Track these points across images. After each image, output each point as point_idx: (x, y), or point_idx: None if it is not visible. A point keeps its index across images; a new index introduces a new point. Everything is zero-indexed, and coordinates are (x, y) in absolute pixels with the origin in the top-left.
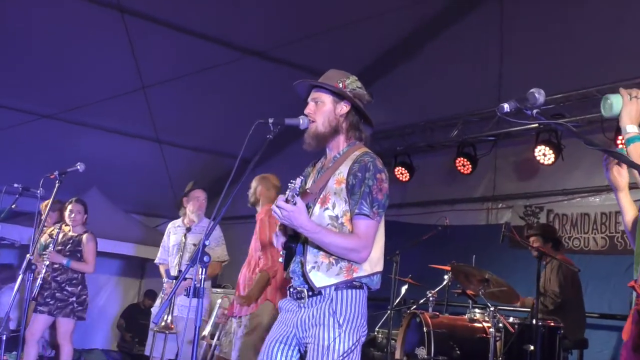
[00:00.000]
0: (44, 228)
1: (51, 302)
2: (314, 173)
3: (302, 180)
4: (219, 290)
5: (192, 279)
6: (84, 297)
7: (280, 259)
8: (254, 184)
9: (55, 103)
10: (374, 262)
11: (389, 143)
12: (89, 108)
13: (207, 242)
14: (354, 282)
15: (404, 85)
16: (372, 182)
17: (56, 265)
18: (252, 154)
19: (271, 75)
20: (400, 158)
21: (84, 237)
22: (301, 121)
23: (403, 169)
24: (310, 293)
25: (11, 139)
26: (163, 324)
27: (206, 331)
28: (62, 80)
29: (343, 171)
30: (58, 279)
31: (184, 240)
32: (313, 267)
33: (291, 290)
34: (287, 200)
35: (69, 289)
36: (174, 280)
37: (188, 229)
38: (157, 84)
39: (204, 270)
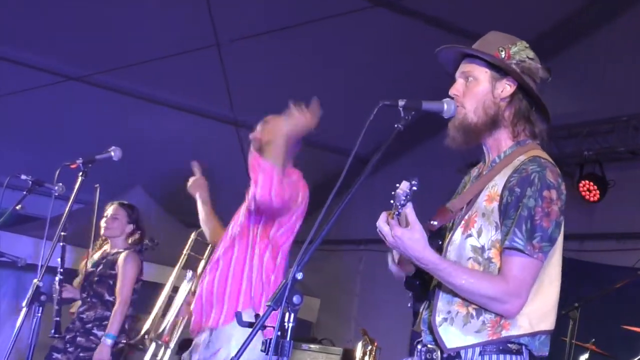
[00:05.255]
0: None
1: (70, 350)
2: (470, 183)
3: (412, 185)
4: (312, 346)
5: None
6: (120, 345)
7: (409, 304)
8: None
9: (86, 60)
10: (536, 316)
11: (572, 145)
12: (135, 70)
13: (298, 276)
14: (509, 345)
15: (600, 61)
16: (535, 203)
17: (84, 295)
18: (371, 150)
19: (407, 36)
20: (587, 168)
21: (122, 256)
22: (445, 106)
23: (591, 183)
24: (445, 355)
25: (20, 109)
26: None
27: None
28: (96, 27)
29: (498, 183)
30: (83, 316)
31: None
32: (445, 319)
33: (419, 347)
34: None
35: (98, 333)
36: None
37: None
38: (238, 40)
39: (292, 315)
